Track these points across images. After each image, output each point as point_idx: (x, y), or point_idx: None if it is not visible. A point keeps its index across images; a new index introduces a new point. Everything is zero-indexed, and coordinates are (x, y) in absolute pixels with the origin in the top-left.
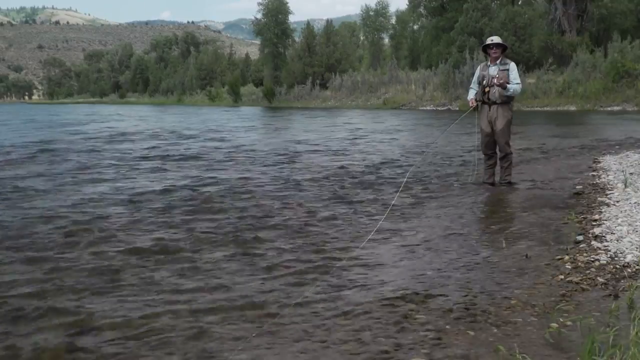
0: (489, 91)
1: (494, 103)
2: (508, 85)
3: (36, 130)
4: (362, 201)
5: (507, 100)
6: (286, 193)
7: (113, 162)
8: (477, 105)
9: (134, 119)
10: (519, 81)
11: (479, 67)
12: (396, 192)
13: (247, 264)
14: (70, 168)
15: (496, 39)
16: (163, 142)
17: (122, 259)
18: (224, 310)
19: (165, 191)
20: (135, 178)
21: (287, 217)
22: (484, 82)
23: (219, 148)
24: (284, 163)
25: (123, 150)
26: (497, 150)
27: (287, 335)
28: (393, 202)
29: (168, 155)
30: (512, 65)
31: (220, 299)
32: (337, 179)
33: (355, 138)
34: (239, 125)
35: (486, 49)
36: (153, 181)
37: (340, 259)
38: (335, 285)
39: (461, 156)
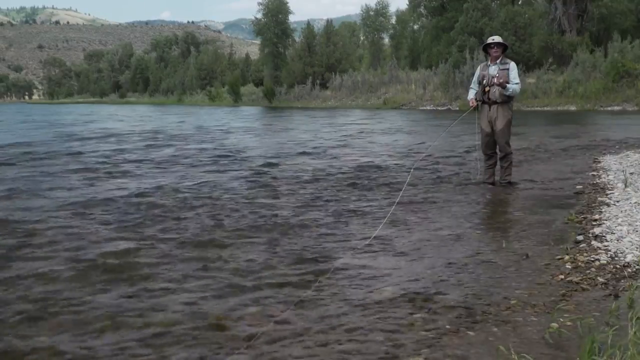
0: (489, 91)
1: (494, 103)
2: (507, 85)
3: (25, 131)
4: (362, 203)
5: (507, 100)
6: (279, 197)
7: (84, 166)
8: (477, 105)
9: (129, 119)
10: (518, 81)
11: (479, 67)
12: (397, 194)
13: (228, 274)
14: (33, 173)
15: (497, 39)
16: (147, 143)
17: (60, 276)
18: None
19: (127, 198)
20: (99, 184)
21: (281, 218)
22: (484, 81)
23: (206, 149)
24: (280, 165)
25: (100, 154)
26: (497, 150)
27: (285, 336)
28: (396, 200)
29: (146, 158)
30: (512, 65)
31: (184, 318)
32: (333, 181)
33: (354, 138)
34: (234, 126)
35: (487, 48)
36: (117, 187)
37: (338, 260)
38: (334, 286)
39: (461, 156)
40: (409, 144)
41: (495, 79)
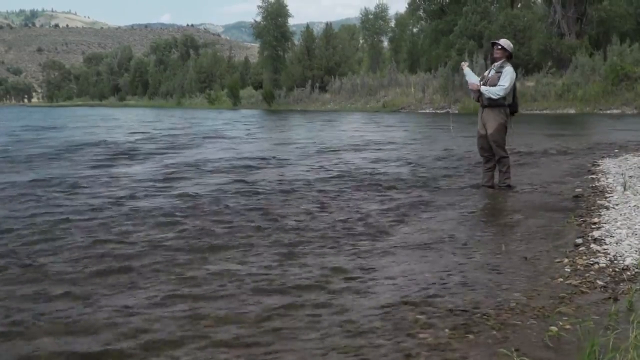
0: (482, 93)
1: (485, 106)
2: (482, 88)
3: None
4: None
5: (497, 104)
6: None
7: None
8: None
9: (115, 124)
10: (503, 84)
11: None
12: (398, 196)
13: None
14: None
15: (503, 42)
16: (106, 156)
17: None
18: None
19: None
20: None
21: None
22: (481, 83)
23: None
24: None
25: (42, 168)
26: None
27: (284, 341)
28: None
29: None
30: (507, 70)
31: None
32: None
33: (352, 139)
34: (222, 133)
35: (493, 46)
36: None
37: (336, 264)
38: (332, 291)
39: (460, 159)
40: (406, 145)
41: (488, 82)
